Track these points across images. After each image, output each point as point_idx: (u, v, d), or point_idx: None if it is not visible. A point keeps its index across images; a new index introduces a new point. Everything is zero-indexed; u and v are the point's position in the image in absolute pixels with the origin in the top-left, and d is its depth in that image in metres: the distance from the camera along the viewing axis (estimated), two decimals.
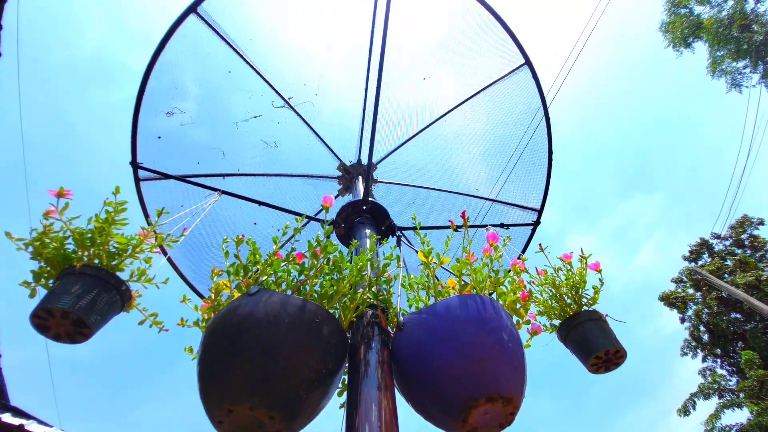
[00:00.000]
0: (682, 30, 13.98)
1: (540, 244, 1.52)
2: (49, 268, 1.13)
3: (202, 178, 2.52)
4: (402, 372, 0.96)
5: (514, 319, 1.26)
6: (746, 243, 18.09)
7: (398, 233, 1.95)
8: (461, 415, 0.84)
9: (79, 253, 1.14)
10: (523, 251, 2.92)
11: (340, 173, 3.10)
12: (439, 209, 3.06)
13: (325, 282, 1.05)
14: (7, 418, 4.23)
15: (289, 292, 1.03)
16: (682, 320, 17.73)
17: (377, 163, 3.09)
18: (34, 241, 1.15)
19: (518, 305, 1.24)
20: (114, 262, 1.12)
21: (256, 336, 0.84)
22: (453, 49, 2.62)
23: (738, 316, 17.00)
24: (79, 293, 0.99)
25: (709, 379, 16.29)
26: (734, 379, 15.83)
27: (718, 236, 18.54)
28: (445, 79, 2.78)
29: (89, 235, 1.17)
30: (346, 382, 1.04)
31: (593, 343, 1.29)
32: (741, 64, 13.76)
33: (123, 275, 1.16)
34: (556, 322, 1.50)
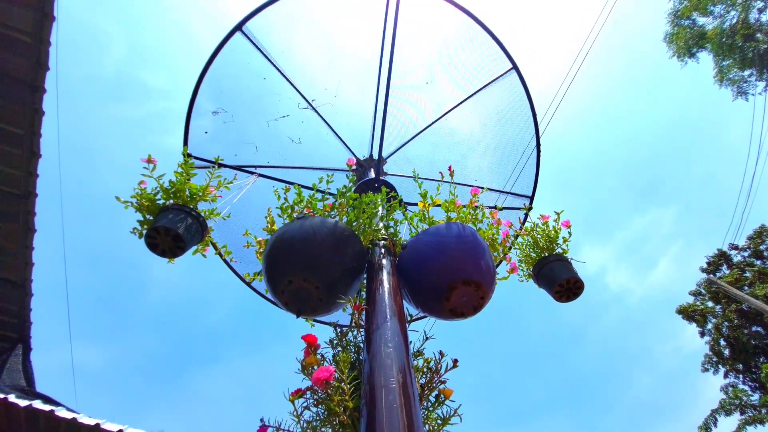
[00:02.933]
0: (686, 40, 14.31)
1: (525, 204, 1.90)
2: (149, 217, 1.56)
3: (240, 167, 2.98)
4: (404, 274, 1.34)
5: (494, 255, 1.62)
6: (765, 254, 17.71)
7: (404, 205, 2.34)
8: (445, 294, 1.21)
9: (167, 202, 1.57)
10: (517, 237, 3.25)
11: (354, 166, 3.53)
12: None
13: (349, 215, 1.44)
14: (38, 404, 4.67)
15: None
16: (702, 334, 17.32)
17: (387, 158, 3.50)
18: (134, 198, 1.59)
19: (496, 244, 1.61)
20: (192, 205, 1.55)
21: (306, 238, 1.24)
22: (452, 56, 3.06)
23: (759, 329, 16.54)
24: (174, 218, 1.41)
25: (731, 394, 15.81)
26: (756, 395, 15.32)
27: (736, 247, 18.23)
28: (445, 82, 3.22)
29: (172, 189, 1.61)
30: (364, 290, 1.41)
31: (557, 274, 1.64)
32: (747, 72, 13.95)
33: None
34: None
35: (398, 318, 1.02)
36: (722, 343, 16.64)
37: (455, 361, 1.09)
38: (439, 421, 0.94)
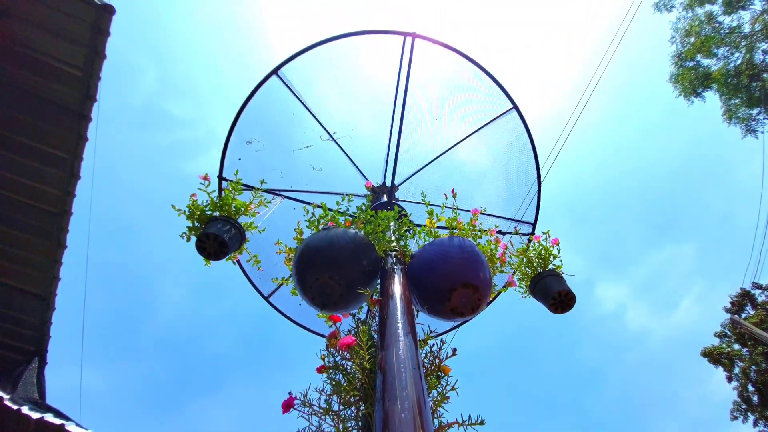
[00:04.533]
0: (691, 81, 14.76)
1: (516, 228, 2.13)
2: (197, 225, 1.85)
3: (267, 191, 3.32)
4: (412, 278, 1.56)
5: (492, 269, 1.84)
6: None
7: (413, 224, 2.59)
8: (447, 295, 1.43)
9: (215, 213, 1.86)
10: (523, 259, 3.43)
11: (369, 192, 3.83)
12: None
13: (366, 228, 1.70)
14: (50, 418, 4.83)
15: None
16: (729, 379, 16.41)
17: (399, 185, 3.80)
18: (187, 209, 1.89)
19: (495, 258, 1.83)
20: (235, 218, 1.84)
21: (331, 244, 1.50)
22: (459, 96, 3.42)
23: None
24: (220, 227, 1.69)
25: None
26: None
27: (759, 286, 17.59)
28: (453, 118, 3.57)
29: (220, 204, 1.91)
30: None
31: (551, 288, 1.83)
32: (755, 111, 14.19)
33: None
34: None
35: (407, 307, 1.24)
36: (751, 388, 15.68)
37: (454, 350, 1.29)
38: (439, 389, 1.13)
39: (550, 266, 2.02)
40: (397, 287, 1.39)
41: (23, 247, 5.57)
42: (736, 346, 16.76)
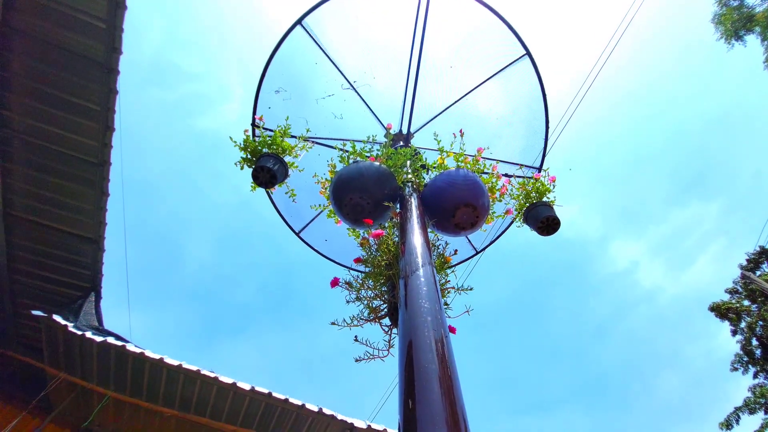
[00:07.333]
0: (733, 22, 13.61)
1: (520, 165, 2.44)
2: (250, 156, 2.25)
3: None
4: (426, 203, 1.95)
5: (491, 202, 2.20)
6: None
7: (426, 161, 2.94)
8: (452, 212, 1.82)
9: (266, 150, 2.25)
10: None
11: (386, 140, 4.13)
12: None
13: (388, 162, 2.07)
14: (111, 340, 5.68)
15: None
16: (734, 332, 16.91)
17: (414, 132, 4.07)
18: (243, 144, 2.29)
19: (495, 189, 2.19)
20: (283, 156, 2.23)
21: (360, 173, 1.88)
22: (474, 43, 3.56)
23: None
24: (272, 162, 2.09)
25: (757, 393, 15.56)
26: None
27: None
28: (467, 67, 3.72)
29: (269, 142, 2.29)
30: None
31: (540, 214, 2.20)
32: None
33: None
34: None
35: (420, 216, 1.65)
36: (755, 342, 16.21)
37: (455, 251, 1.70)
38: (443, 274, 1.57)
39: (545, 199, 2.36)
40: (413, 204, 1.79)
41: (71, 196, 6.21)
42: (746, 303, 17.05)
